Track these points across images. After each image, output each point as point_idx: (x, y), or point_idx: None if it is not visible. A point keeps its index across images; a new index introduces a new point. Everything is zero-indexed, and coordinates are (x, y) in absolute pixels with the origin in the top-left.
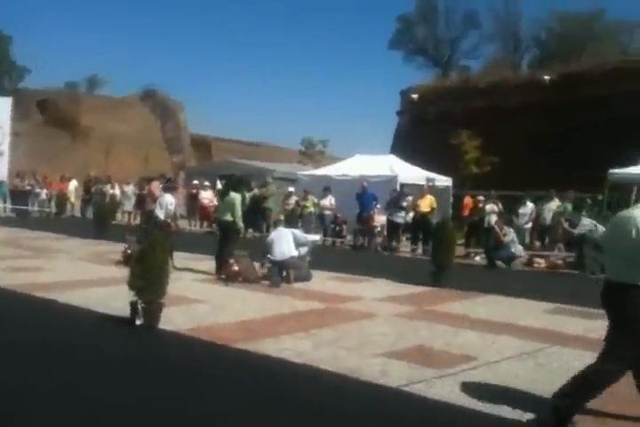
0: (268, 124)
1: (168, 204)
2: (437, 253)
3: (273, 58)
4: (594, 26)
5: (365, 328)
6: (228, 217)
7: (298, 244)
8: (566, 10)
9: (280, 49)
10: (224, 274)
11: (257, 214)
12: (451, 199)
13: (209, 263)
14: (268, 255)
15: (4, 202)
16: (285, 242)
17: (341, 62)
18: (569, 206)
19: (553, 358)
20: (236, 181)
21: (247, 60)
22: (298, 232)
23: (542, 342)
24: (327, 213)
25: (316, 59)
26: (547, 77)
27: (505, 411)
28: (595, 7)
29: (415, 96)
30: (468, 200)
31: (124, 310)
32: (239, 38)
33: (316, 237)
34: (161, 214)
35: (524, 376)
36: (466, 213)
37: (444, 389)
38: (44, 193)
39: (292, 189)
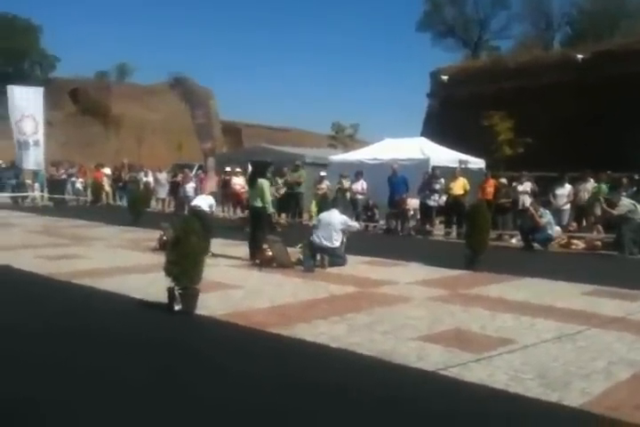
0: (297, 109)
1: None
2: (472, 237)
3: (300, 42)
4: (626, 3)
5: (400, 312)
6: (259, 203)
7: (346, 231)
8: None
9: (307, 33)
10: (258, 259)
11: (289, 200)
12: None
13: (243, 249)
14: (311, 237)
15: (42, 191)
16: (332, 228)
17: (369, 45)
18: (604, 187)
19: (592, 340)
20: (261, 167)
21: (274, 46)
22: (348, 220)
23: (581, 325)
24: (359, 197)
25: (343, 42)
26: (580, 56)
27: (544, 394)
28: None
29: (445, 78)
30: (490, 182)
31: (162, 296)
32: (266, 23)
33: (357, 225)
34: (205, 206)
35: (563, 359)
36: (487, 195)
37: (482, 372)
38: (79, 182)
39: (323, 173)
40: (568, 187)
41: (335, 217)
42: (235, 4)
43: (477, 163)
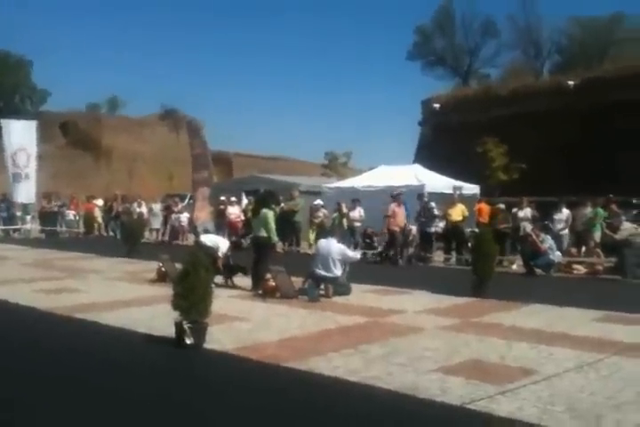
0: (287, 138)
1: (227, 248)
2: (478, 264)
3: (288, 71)
4: (614, 31)
5: (414, 343)
6: (262, 233)
7: (344, 261)
8: (586, 15)
9: (297, 62)
10: (261, 290)
11: (286, 228)
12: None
13: (243, 279)
14: (312, 267)
15: (31, 224)
16: (331, 258)
17: (358, 74)
18: (601, 211)
19: (614, 368)
20: (265, 197)
21: (262, 75)
22: (346, 250)
23: (599, 353)
24: (357, 224)
25: (333, 72)
26: (570, 83)
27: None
28: (614, 12)
29: (437, 106)
30: (481, 206)
31: (168, 330)
32: (254, 52)
33: (358, 256)
34: (214, 243)
35: (590, 389)
36: (482, 219)
37: (511, 405)
38: (71, 214)
39: (319, 201)
40: (565, 212)
41: (333, 246)
42: (221, 33)
43: (472, 189)
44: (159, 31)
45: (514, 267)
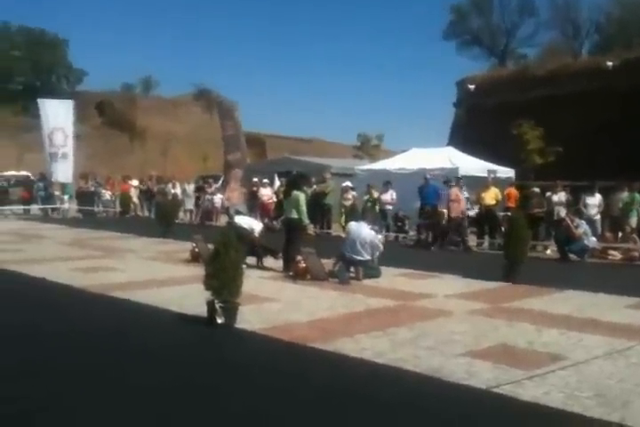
0: (319, 120)
1: (260, 230)
2: (510, 248)
3: (322, 53)
4: None
5: (443, 326)
6: (294, 215)
7: (372, 248)
8: None
9: (330, 44)
10: (292, 271)
11: (317, 211)
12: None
13: (274, 261)
14: (342, 250)
15: (69, 203)
16: (360, 242)
17: (392, 55)
18: (637, 196)
19: None
20: (296, 179)
21: (296, 56)
22: (376, 239)
23: (630, 340)
24: (389, 207)
25: (365, 52)
26: (609, 63)
27: (605, 414)
28: None
29: (472, 86)
30: (511, 191)
31: (199, 309)
32: (288, 34)
33: (381, 248)
34: (248, 225)
35: (619, 376)
36: (511, 204)
37: (537, 390)
38: (107, 194)
39: (348, 183)
40: (598, 196)
41: (364, 231)
42: (256, 15)
43: (506, 172)
44: (194, 13)
45: (548, 252)
